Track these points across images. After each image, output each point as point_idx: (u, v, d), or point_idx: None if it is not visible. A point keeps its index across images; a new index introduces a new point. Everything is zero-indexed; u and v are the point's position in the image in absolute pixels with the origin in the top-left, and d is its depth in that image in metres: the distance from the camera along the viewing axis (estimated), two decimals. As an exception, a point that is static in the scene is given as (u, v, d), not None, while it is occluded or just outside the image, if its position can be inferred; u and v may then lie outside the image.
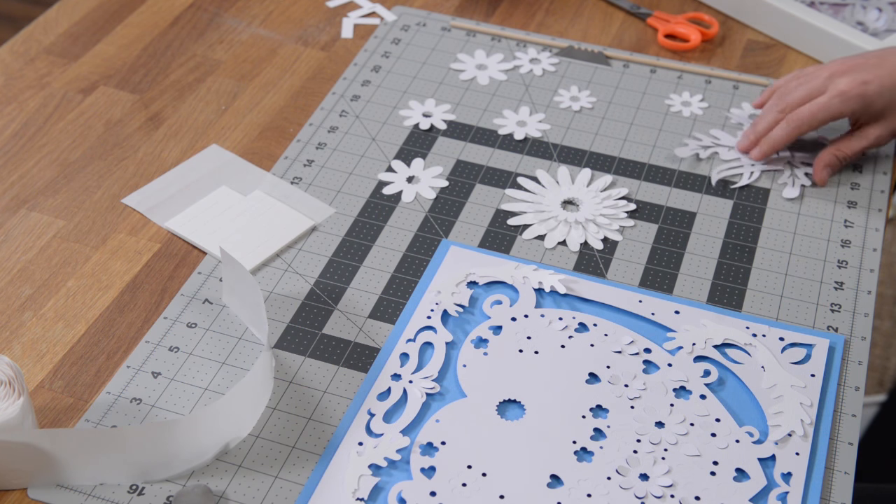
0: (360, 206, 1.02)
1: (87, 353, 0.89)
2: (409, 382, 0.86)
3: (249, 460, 0.81)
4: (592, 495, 0.79)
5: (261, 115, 1.13)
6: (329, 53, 1.21)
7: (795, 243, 0.99)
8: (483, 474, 0.80)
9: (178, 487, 0.79)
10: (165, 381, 0.86)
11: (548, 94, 1.16)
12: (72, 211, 1.01)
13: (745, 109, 1.13)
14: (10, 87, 1.15)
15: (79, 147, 1.08)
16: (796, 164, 1.06)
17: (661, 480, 0.80)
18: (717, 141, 1.08)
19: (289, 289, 0.94)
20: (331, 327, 0.91)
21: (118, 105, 1.14)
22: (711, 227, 1.00)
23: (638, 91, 1.16)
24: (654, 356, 0.88)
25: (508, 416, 0.84)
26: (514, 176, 1.05)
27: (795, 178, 1.05)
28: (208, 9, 1.27)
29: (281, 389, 0.86)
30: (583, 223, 1.00)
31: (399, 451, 0.81)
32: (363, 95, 1.15)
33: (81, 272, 0.96)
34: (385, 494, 0.79)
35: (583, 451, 0.82)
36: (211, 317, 0.91)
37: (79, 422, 0.84)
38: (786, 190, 1.04)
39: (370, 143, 1.09)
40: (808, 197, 1.04)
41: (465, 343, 0.89)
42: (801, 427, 0.83)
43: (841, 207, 1.03)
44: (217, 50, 1.21)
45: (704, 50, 1.22)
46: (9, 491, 0.79)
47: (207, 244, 0.97)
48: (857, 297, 0.94)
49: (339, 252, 0.97)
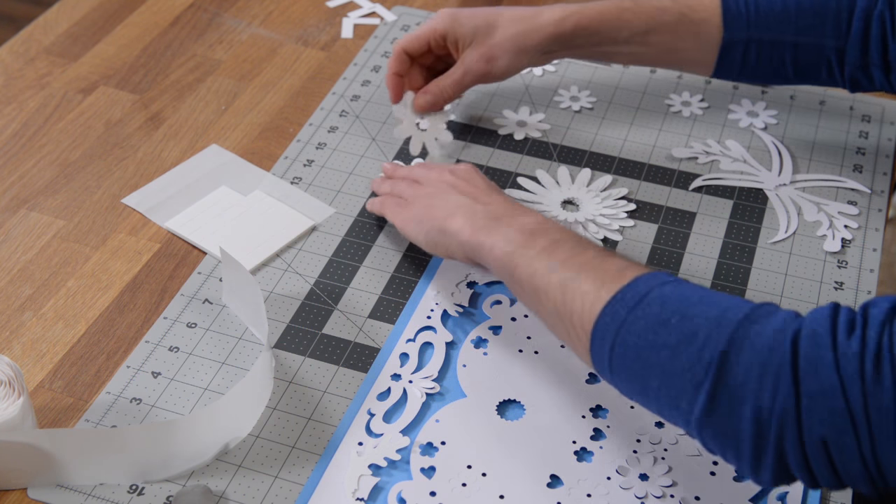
0: (360, 206, 1.02)
1: (87, 353, 0.89)
2: (409, 382, 0.86)
3: (249, 460, 0.81)
4: (592, 495, 0.79)
5: (261, 115, 1.13)
6: (329, 53, 1.21)
7: (795, 243, 0.99)
8: (483, 474, 0.80)
9: (178, 487, 0.79)
10: (165, 381, 0.86)
11: (548, 94, 1.16)
12: (72, 211, 1.01)
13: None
14: (10, 87, 1.15)
15: (79, 147, 1.08)
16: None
17: (661, 480, 0.80)
18: (727, 152, 1.08)
19: (289, 289, 0.94)
20: (331, 327, 0.91)
21: (118, 105, 1.14)
22: (711, 227, 1.00)
23: (638, 91, 1.16)
24: (654, 356, 0.88)
25: (508, 416, 0.84)
26: (514, 176, 1.05)
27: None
28: (208, 9, 1.27)
29: (281, 389, 0.86)
30: (583, 223, 1.00)
31: (399, 451, 0.81)
32: (363, 95, 1.15)
33: (81, 272, 0.96)
34: (385, 494, 0.79)
35: (583, 451, 0.82)
36: (211, 317, 0.91)
37: (79, 422, 0.84)
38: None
39: (370, 143, 1.09)
40: (808, 197, 1.04)
41: (465, 343, 0.89)
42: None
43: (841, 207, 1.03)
44: (217, 50, 1.21)
45: (704, 50, 1.22)
46: (9, 491, 0.79)
47: (207, 244, 0.97)
48: (857, 297, 0.94)
49: (339, 252, 0.97)
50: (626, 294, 0.73)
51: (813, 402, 0.64)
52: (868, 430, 0.64)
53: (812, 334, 0.66)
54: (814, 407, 0.64)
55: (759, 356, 0.66)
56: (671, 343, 0.69)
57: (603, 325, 0.73)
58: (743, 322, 0.68)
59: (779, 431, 0.65)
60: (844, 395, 0.64)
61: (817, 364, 0.65)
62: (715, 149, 1.09)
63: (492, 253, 0.83)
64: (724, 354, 0.67)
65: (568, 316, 0.76)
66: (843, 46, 0.97)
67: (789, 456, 0.66)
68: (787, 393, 0.65)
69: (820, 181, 1.05)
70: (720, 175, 1.06)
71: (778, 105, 1.14)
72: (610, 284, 0.74)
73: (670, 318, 0.70)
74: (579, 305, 0.75)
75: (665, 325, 0.70)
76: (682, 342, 0.69)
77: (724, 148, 1.09)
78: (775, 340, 0.66)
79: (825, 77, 1.00)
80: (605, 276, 0.75)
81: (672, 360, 0.69)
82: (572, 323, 0.76)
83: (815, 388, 0.64)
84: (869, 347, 0.64)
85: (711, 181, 1.05)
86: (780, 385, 0.65)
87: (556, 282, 0.77)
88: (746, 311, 0.69)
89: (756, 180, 1.05)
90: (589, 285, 0.75)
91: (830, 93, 1.16)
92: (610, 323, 0.73)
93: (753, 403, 0.66)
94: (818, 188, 1.05)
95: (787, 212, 1.02)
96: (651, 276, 0.74)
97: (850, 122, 1.13)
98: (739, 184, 1.05)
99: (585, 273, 0.76)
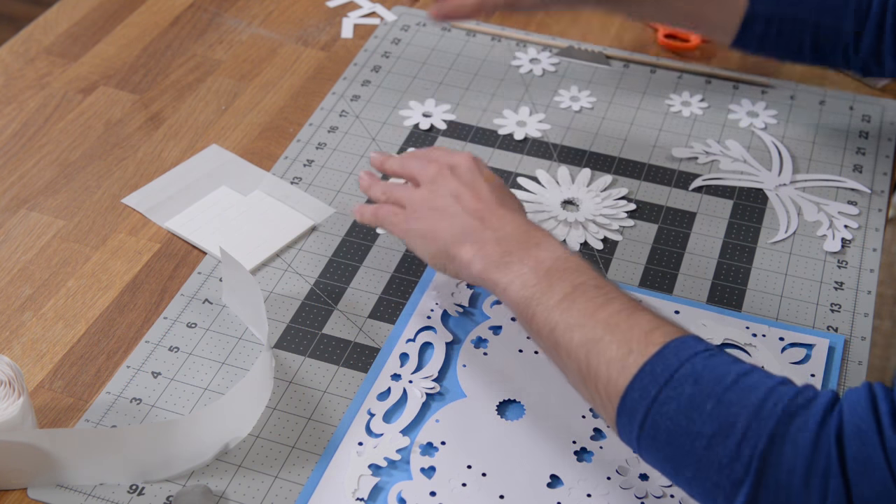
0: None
1: (87, 353, 0.89)
2: (409, 382, 0.86)
3: (249, 460, 0.81)
4: (592, 495, 0.79)
5: (261, 115, 1.13)
6: (329, 53, 1.21)
7: (795, 243, 0.99)
8: (483, 474, 0.80)
9: (178, 487, 0.79)
10: (165, 381, 0.86)
11: (548, 94, 1.16)
12: (72, 211, 1.01)
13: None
14: (10, 87, 1.15)
15: (79, 147, 1.08)
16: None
17: (661, 480, 0.79)
18: (727, 152, 1.08)
19: (289, 289, 0.94)
20: (331, 327, 0.91)
21: (118, 105, 1.14)
22: (711, 227, 1.00)
23: (638, 91, 1.16)
24: (654, 356, 0.88)
25: (508, 416, 0.84)
26: (514, 176, 1.05)
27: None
28: (208, 9, 1.27)
29: (281, 389, 0.86)
30: (583, 223, 1.00)
31: (399, 451, 0.81)
32: (363, 95, 1.15)
33: (81, 272, 0.96)
34: (385, 494, 0.79)
35: (583, 451, 0.82)
36: (211, 317, 0.91)
37: (79, 422, 0.84)
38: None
39: (370, 143, 1.09)
40: (808, 197, 1.04)
41: (465, 343, 0.89)
42: (801, 427, 0.83)
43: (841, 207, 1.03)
44: (217, 50, 1.21)
45: (704, 50, 1.22)
46: (9, 491, 0.79)
47: (207, 244, 0.97)
48: (857, 297, 0.94)
49: (339, 252, 0.97)
50: (657, 367, 0.69)
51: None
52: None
53: (857, 431, 0.63)
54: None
55: (803, 458, 0.63)
56: (707, 433, 0.66)
57: (632, 402, 0.69)
58: (783, 417, 0.65)
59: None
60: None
61: (866, 465, 0.62)
62: (715, 149, 1.09)
63: (506, 294, 0.79)
64: (765, 453, 0.64)
65: (593, 382, 0.72)
66: (860, 30, 0.98)
67: None
68: (839, 498, 0.62)
69: (820, 181, 1.06)
70: (720, 175, 1.06)
71: (778, 105, 1.14)
72: (638, 352, 0.70)
73: (705, 402, 0.66)
74: (605, 373, 0.71)
75: (700, 412, 0.66)
76: (719, 434, 0.65)
77: (724, 148, 1.09)
78: (820, 440, 0.63)
79: (840, 60, 1.01)
80: (632, 340, 0.71)
81: (708, 452, 0.66)
82: (597, 389, 0.72)
83: (868, 491, 0.62)
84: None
85: (711, 181, 1.05)
86: (830, 489, 0.62)
87: (578, 341, 0.73)
88: (786, 401, 0.65)
89: (756, 180, 1.05)
90: (615, 351, 0.71)
91: (830, 93, 1.16)
92: (639, 400, 0.69)
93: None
94: (818, 188, 1.05)
95: (787, 212, 1.02)
96: (681, 344, 0.70)
97: (850, 122, 1.13)
98: (739, 184, 1.05)
99: (611, 335, 0.72)
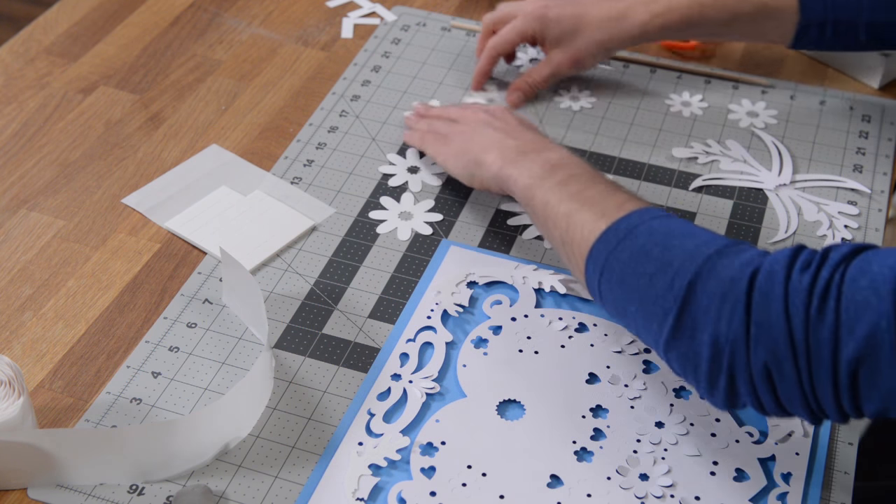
0: (360, 206, 1.02)
1: (87, 353, 0.89)
2: (409, 382, 0.86)
3: (249, 460, 0.81)
4: (592, 495, 0.79)
5: (261, 115, 1.13)
6: (329, 53, 1.21)
7: (795, 243, 0.99)
8: (483, 474, 0.80)
9: (178, 487, 0.79)
10: (165, 381, 0.86)
11: (548, 94, 1.16)
12: (72, 211, 1.01)
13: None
14: (10, 87, 1.15)
15: (79, 147, 1.08)
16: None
17: (661, 480, 0.80)
18: (727, 152, 1.08)
19: (289, 289, 0.94)
20: (331, 327, 0.91)
21: (118, 105, 1.14)
22: (711, 227, 1.00)
23: (638, 91, 1.16)
24: (654, 356, 0.88)
25: (508, 416, 0.84)
26: (514, 176, 1.05)
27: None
28: (208, 9, 1.27)
29: (281, 389, 0.86)
30: (583, 223, 1.00)
31: (399, 451, 0.81)
32: (363, 95, 1.15)
33: (81, 272, 0.96)
34: (385, 494, 0.79)
35: (583, 451, 0.82)
36: (211, 317, 0.91)
37: (79, 422, 0.84)
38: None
39: (370, 143, 1.09)
40: (808, 197, 1.04)
41: (465, 343, 0.89)
42: (801, 427, 0.83)
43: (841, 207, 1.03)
44: (217, 50, 1.21)
45: (704, 50, 1.22)
46: (9, 491, 0.79)
47: (207, 244, 0.97)
48: (857, 297, 0.94)
49: (339, 252, 0.97)
50: (620, 225, 0.79)
51: (760, 330, 0.69)
52: (807, 360, 0.68)
53: (770, 269, 0.70)
54: (760, 335, 0.69)
55: (721, 286, 0.71)
56: (649, 271, 0.75)
57: (596, 253, 0.80)
58: (713, 255, 0.73)
59: (730, 357, 0.70)
60: (788, 326, 0.68)
61: (768, 296, 0.69)
62: (715, 149, 1.09)
63: (516, 184, 0.90)
64: (691, 283, 0.72)
65: (570, 243, 0.83)
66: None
67: (738, 381, 0.71)
68: (740, 321, 0.70)
69: (820, 181, 1.06)
70: (720, 175, 1.06)
71: (778, 105, 1.14)
72: (608, 216, 0.81)
73: (652, 248, 0.76)
74: (579, 234, 0.82)
75: (647, 255, 0.76)
76: (659, 271, 0.75)
77: (724, 148, 1.09)
78: (738, 273, 0.71)
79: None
80: (606, 209, 0.82)
81: (648, 288, 0.75)
82: (573, 250, 0.83)
83: (762, 318, 0.69)
84: (819, 284, 0.68)
85: (711, 181, 1.05)
86: (735, 314, 0.70)
87: (563, 212, 0.84)
88: (720, 245, 0.74)
89: (756, 180, 1.05)
90: (589, 216, 0.82)
91: (830, 92, 1.16)
92: (602, 251, 0.79)
93: (712, 330, 0.71)
94: (818, 188, 1.05)
95: (787, 212, 1.02)
96: (645, 211, 0.80)
97: (850, 122, 1.13)
98: (739, 184, 1.05)
99: (590, 205, 0.83)
